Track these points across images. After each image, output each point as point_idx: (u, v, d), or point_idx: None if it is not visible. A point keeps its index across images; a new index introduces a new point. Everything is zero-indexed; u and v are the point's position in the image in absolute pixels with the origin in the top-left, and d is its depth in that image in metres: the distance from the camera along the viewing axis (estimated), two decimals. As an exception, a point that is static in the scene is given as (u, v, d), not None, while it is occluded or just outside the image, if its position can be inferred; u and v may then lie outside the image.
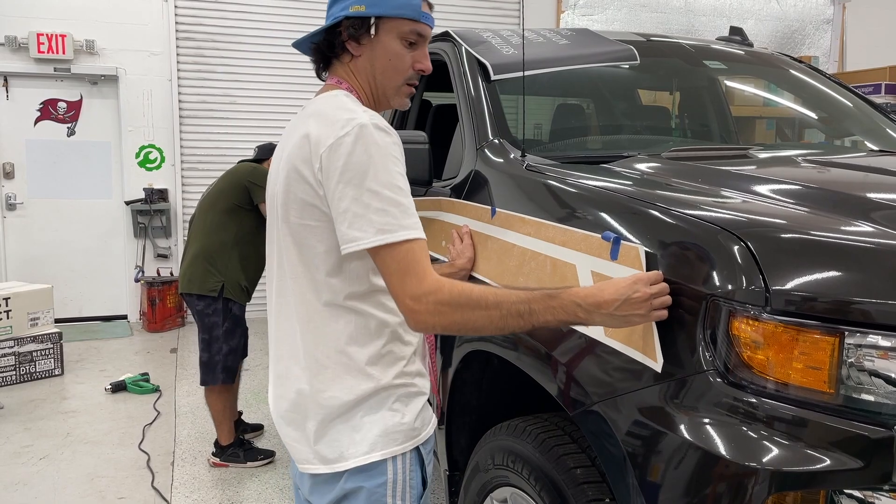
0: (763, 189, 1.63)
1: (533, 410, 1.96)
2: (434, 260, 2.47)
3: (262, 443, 4.07)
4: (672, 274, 1.38)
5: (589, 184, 1.80)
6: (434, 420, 1.56)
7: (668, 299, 1.35)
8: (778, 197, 1.56)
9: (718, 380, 1.27)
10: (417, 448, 1.48)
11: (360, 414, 1.43)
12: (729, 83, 3.40)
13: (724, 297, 1.28)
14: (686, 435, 1.27)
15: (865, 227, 1.35)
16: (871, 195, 1.51)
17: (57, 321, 5.71)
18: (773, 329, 1.22)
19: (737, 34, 3.37)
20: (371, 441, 1.43)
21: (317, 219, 1.38)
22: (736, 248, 1.30)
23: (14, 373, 5.09)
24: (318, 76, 1.59)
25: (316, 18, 7.02)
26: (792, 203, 1.52)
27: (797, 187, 1.62)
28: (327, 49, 1.53)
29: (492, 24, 7.65)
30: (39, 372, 5.21)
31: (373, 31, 1.47)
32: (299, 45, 1.60)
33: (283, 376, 1.51)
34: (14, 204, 6.69)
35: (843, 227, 1.35)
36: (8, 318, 5.09)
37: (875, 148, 2.71)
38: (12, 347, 5.08)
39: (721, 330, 1.28)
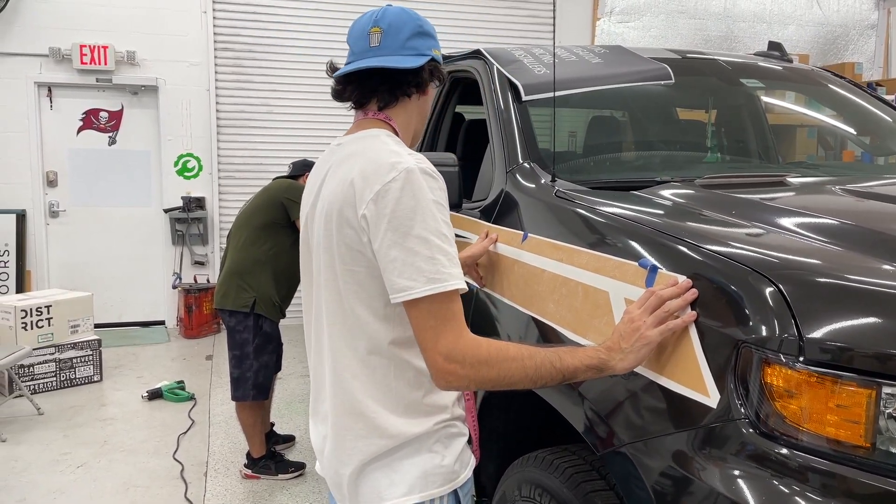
0: (797, 224, 1.58)
1: (562, 439, 1.94)
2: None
3: (293, 454, 4.09)
4: (703, 314, 1.35)
5: (619, 213, 1.77)
6: (473, 461, 1.53)
7: (671, 307, 1.36)
8: (813, 233, 1.51)
9: (750, 430, 1.24)
10: (455, 491, 1.46)
11: (399, 456, 1.41)
12: (767, 99, 3.33)
13: (755, 343, 1.24)
14: (715, 485, 1.24)
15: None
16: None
17: (97, 326, 5.83)
18: (806, 379, 1.18)
19: (776, 49, 3.30)
20: (410, 483, 1.41)
21: (361, 265, 1.36)
22: (768, 291, 1.26)
23: (54, 379, 5.20)
24: (359, 107, 1.53)
25: (351, 28, 7.05)
26: (827, 241, 1.47)
27: (833, 222, 1.57)
28: (404, 85, 1.49)
29: (527, 34, 7.62)
30: (79, 378, 5.32)
31: (436, 83, 1.51)
32: (340, 73, 1.53)
33: (322, 416, 1.52)
34: (57, 211, 6.84)
35: (880, 271, 1.31)
36: (49, 325, 5.21)
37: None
38: (53, 354, 5.19)
39: (753, 378, 1.24)
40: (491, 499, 2.18)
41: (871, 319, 1.20)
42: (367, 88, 1.50)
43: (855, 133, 3.25)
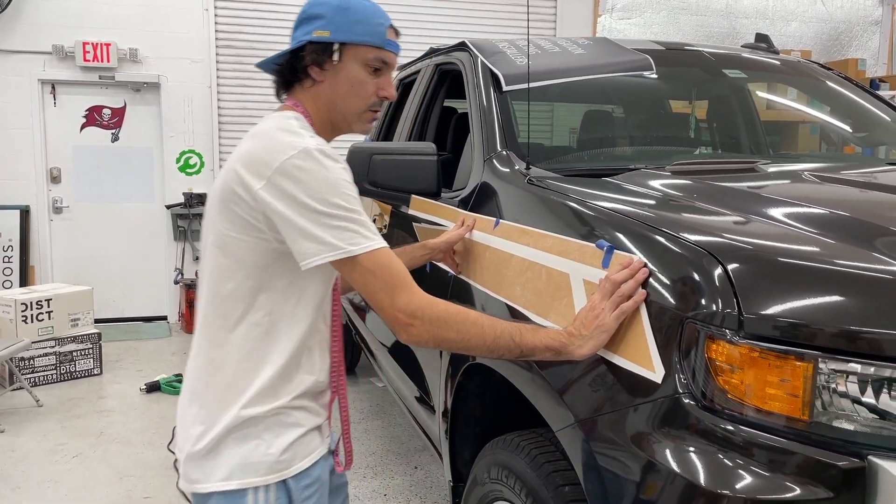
0: (755, 206, 1.59)
1: (535, 424, 1.96)
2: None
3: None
4: (654, 292, 1.37)
5: (586, 199, 1.79)
6: (317, 454, 1.50)
7: (625, 290, 1.38)
8: (768, 215, 1.53)
9: (692, 402, 1.25)
10: (286, 482, 1.44)
11: (227, 440, 1.42)
12: (755, 91, 3.34)
13: (699, 319, 1.26)
14: (658, 458, 1.26)
15: (848, 251, 1.31)
16: (864, 216, 1.47)
17: (100, 321, 5.89)
18: (747, 353, 1.20)
19: (762, 41, 3.31)
20: (230, 468, 1.41)
21: (249, 234, 1.38)
22: (712, 268, 1.28)
23: (54, 371, 5.26)
24: (277, 97, 1.59)
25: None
26: (781, 223, 1.49)
27: (790, 205, 1.59)
28: (289, 73, 1.53)
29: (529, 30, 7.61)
30: (79, 371, 5.37)
31: (336, 56, 1.47)
32: (263, 65, 1.60)
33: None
34: (60, 208, 6.91)
35: (823, 251, 1.32)
36: (49, 318, 5.26)
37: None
38: (53, 347, 5.25)
39: (696, 353, 1.26)
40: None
41: (811, 295, 1.21)
42: (275, 82, 1.59)
43: (842, 125, 3.25)
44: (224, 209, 1.40)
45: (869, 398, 1.14)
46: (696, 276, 1.29)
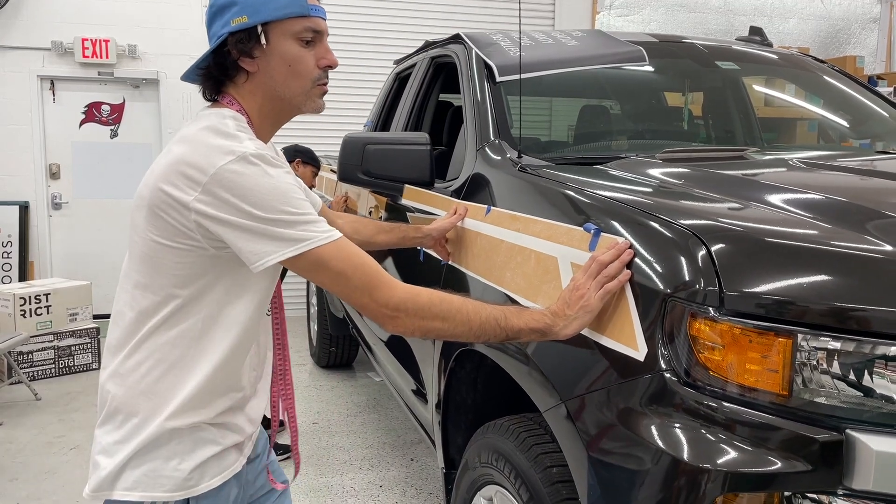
0: (743, 192, 1.61)
1: (527, 409, 1.97)
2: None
3: (282, 438, 4.14)
4: (638, 273, 1.38)
5: (575, 184, 1.80)
6: (229, 473, 1.43)
7: (611, 272, 1.39)
8: (754, 198, 1.55)
9: (674, 379, 1.27)
10: (188, 500, 1.37)
11: (141, 450, 1.35)
12: (750, 84, 3.35)
13: (681, 297, 1.27)
14: (642, 435, 1.27)
15: (827, 231, 1.33)
16: (845, 197, 1.49)
17: (99, 317, 5.90)
18: (728, 330, 1.21)
19: (756, 34, 3.32)
20: (136, 479, 1.34)
21: (180, 242, 1.30)
22: (694, 247, 1.30)
23: (53, 366, 5.28)
24: (209, 99, 1.45)
25: (352, 23, 7.12)
26: (766, 206, 1.50)
27: (776, 192, 1.60)
28: (219, 73, 1.40)
29: (527, 27, 7.63)
30: (77, 366, 5.39)
31: (263, 40, 1.35)
32: (188, 77, 1.44)
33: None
34: (60, 203, 6.93)
35: (803, 230, 1.34)
36: (48, 312, 5.28)
37: (891, 150, 2.64)
38: (52, 342, 5.27)
39: (679, 331, 1.27)
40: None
41: (791, 273, 1.23)
42: (205, 88, 1.45)
43: (836, 117, 3.26)
44: (152, 216, 1.30)
45: (847, 374, 1.16)
46: (680, 256, 1.31)
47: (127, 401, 1.36)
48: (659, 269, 1.34)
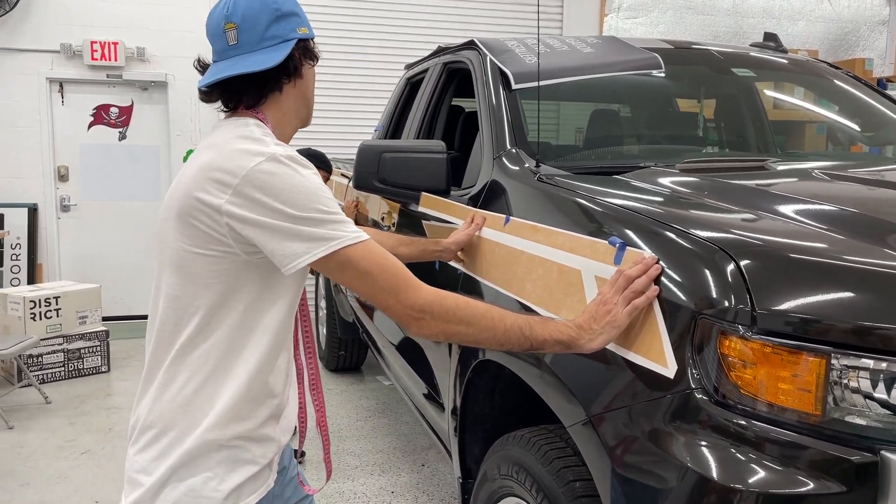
0: (769, 205, 1.60)
1: (546, 420, 1.96)
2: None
3: (293, 442, 4.13)
4: (667, 289, 1.37)
5: (597, 196, 1.80)
6: (265, 489, 1.43)
7: (638, 286, 1.37)
8: (780, 213, 1.54)
9: (705, 398, 1.26)
10: None
11: (183, 468, 1.34)
12: (765, 90, 3.34)
13: (712, 315, 1.27)
14: (670, 452, 1.27)
15: (859, 247, 1.32)
16: (873, 213, 1.48)
17: (107, 319, 5.91)
18: (760, 349, 1.20)
19: (771, 40, 3.31)
20: (175, 498, 1.34)
21: (213, 249, 1.30)
22: (725, 264, 1.29)
23: (63, 369, 5.28)
24: (228, 109, 1.47)
25: (362, 28, 7.11)
26: (793, 220, 1.49)
27: (803, 204, 1.60)
28: (275, 80, 1.40)
29: (534, 30, 7.63)
30: (87, 368, 5.39)
31: (314, 55, 1.43)
32: (219, 82, 1.41)
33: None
34: (68, 206, 6.93)
35: (835, 248, 1.33)
36: (58, 315, 5.29)
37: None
38: (61, 344, 5.27)
39: (709, 348, 1.27)
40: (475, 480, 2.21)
41: (823, 291, 1.22)
42: (232, 93, 1.43)
43: (851, 123, 3.25)
44: (183, 224, 1.31)
45: (881, 393, 1.15)
46: (709, 273, 1.30)
47: (162, 415, 1.36)
48: (688, 285, 1.33)
